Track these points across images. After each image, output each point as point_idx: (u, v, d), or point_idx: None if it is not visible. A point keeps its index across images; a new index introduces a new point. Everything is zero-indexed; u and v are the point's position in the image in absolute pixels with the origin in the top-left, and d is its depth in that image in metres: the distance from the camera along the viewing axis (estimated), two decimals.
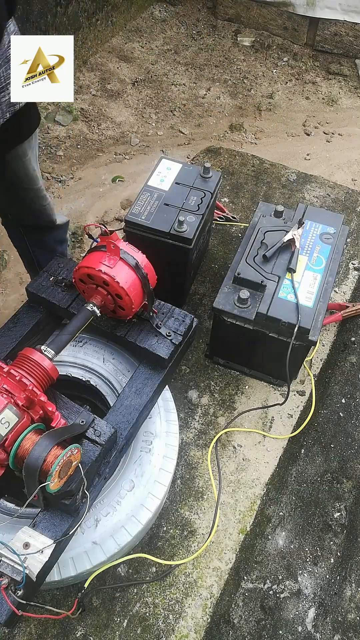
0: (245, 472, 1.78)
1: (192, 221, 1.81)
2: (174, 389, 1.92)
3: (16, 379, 1.15)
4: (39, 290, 1.53)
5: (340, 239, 1.88)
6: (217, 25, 4.56)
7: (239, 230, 2.50)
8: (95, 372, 1.55)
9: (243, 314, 1.67)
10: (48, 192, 3.18)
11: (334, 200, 2.67)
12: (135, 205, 1.84)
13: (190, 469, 1.77)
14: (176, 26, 4.57)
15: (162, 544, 1.60)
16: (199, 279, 2.30)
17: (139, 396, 1.42)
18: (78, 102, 3.70)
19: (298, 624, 1.54)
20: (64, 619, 1.45)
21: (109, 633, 1.45)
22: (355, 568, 1.64)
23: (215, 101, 3.97)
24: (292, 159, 3.50)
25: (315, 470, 1.83)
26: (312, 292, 1.69)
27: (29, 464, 1.05)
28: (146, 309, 1.45)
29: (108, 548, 1.33)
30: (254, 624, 1.54)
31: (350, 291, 2.32)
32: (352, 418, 1.94)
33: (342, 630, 1.54)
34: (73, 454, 1.09)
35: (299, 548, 1.67)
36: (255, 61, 4.33)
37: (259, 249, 1.79)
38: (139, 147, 3.54)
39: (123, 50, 4.21)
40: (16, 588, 1.07)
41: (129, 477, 1.41)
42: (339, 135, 3.80)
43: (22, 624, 1.46)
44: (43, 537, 1.12)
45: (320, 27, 4.22)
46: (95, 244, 1.40)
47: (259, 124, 3.84)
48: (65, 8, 3.48)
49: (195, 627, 1.49)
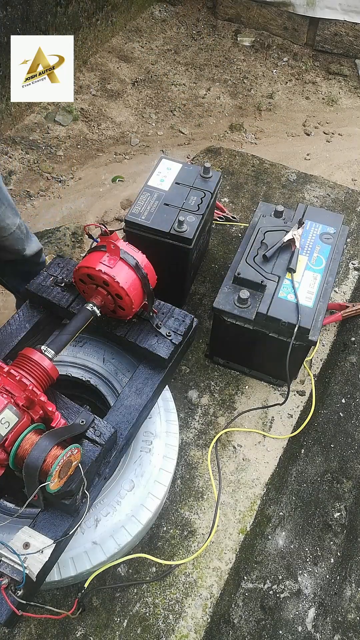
0: (245, 472, 1.78)
1: (192, 221, 1.81)
2: (174, 389, 1.92)
3: (16, 379, 1.15)
4: (39, 290, 1.53)
5: (340, 239, 1.88)
6: (217, 25, 4.56)
7: (239, 230, 2.50)
8: (95, 372, 1.55)
9: (243, 314, 1.67)
10: (48, 192, 3.19)
11: (334, 200, 2.67)
12: (135, 205, 1.84)
13: (190, 469, 1.77)
14: (176, 26, 4.56)
15: (162, 544, 1.60)
16: (199, 279, 2.30)
17: (139, 396, 1.42)
18: (78, 102, 3.70)
19: (298, 624, 1.54)
20: (64, 619, 1.45)
21: (109, 633, 1.45)
22: (355, 568, 1.64)
23: (215, 101, 3.97)
24: (292, 159, 3.50)
25: (315, 470, 1.83)
26: (312, 292, 1.69)
27: (29, 464, 1.05)
28: (146, 309, 1.45)
29: (108, 548, 1.33)
30: (254, 624, 1.54)
31: (350, 291, 2.32)
32: (352, 418, 1.94)
33: (342, 630, 1.54)
34: (73, 454, 1.09)
35: (299, 548, 1.67)
36: (255, 61, 4.33)
37: (259, 249, 1.79)
38: (139, 147, 3.54)
39: (123, 50, 4.21)
40: (16, 588, 1.07)
41: (129, 477, 1.41)
42: (339, 135, 3.80)
43: (22, 624, 1.46)
44: (43, 537, 1.12)
45: (320, 27, 4.22)
46: (95, 244, 1.40)
47: (259, 124, 3.84)
48: (65, 8, 3.48)
49: (195, 627, 1.49)
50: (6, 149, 3.30)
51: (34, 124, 3.50)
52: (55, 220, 2.99)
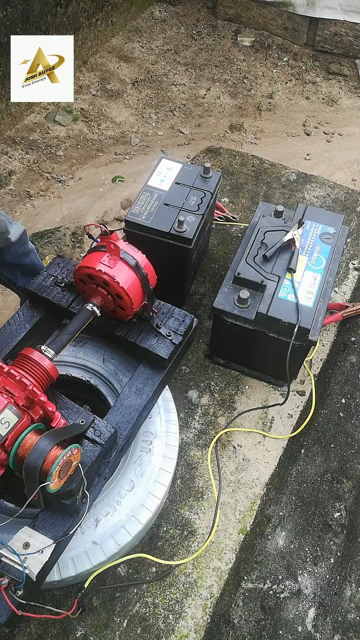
0: (245, 472, 1.78)
1: (192, 221, 1.81)
2: (174, 389, 1.92)
3: (16, 379, 1.14)
4: (39, 290, 1.53)
5: (340, 239, 1.88)
6: (217, 25, 4.56)
7: (239, 230, 2.50)
8: (95, 372, 1.55)
9: (243, 314, 1.67)
10: (48, 192, 3.19)
11: (334, 200, 2.67)
12: (135, 205, 1.84)
13: (190, 469, 1.77)
14: (176, 26, 4.56)
15: (162, 544, 1.60)
16: (199, 279, 2.29)
17: (139, 396, 1.42)
18: (78, 102, 3.70)
19: (298, 624, 1.54)
20: (64, 619, 1.45)
21: (109, 633, 1.45)
22: (355, 568, 1.64)
23: (215, 101, 3.97)
24: (292, 159, 3.50)
25: (315, 470, 1.83)
26: (312, 292, 1.69)
27: (29, 464, 1.05)
28: (146, 309, 1.45)
29: (108, 548, 1.33)
30: (254, 624, 1.54)
31: (350, 291, 2.32)
32: (352, 418, 1.94)
33: (342, 630, 1.54)
34: (73, 454, 1.09)
35: (299, 548, 1.67)
36: (255, 61, 4.33)
37: (259, 249, 1.79)
38: (139, 147, 3.54)
39: (123, 50, 4.21)
40: (16, 588, 1.07)
41: (129, 477, 1.41)
42: (339, 135, 3.80)
43: (22, 624, 1.46)
44: (43, 537, 1.12)
45: (320, 27, 4.22)
46: (95, 244, 1.40)
47: (259, 124, 3.84)
48: (65, 8, 3.48)
49: (195, 627, 1.49)
50: (6, 149, 3.30)
51: (34, 124, 3.50)
52: (55, 220, 2.99)
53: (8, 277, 1.92)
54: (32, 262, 1.91)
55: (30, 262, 1.91)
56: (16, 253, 1.84)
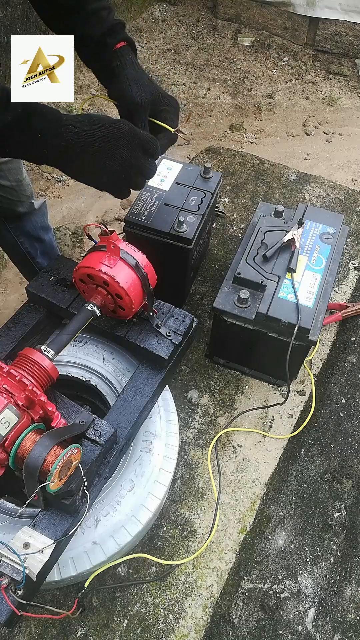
0: (245, 472, 1.78)
1: (192, 221, 1.81)
2: (174, 389, 1.92)
3: (16, 378, 1.15)
4: (39, 290, 1.53)
5: (340, 239, 1.88)
6: (217, 25, 4.56)
7: (239, 230, 2.50)
8: (95, 372, 1.55)
9: (243, 314, 1.67)
10: (48, 192, 3.19)
11: (334, 200, 2.67)
12: (135, 205, 1.84)
13: (190, 469, 1.77)
14: (176, 26, 4.57)
15: (162, 544, 1.60)
16: (199, 279, 2.30)
17: (139, 396, 1.42)
18: (78, 102, 3.70)
19: (298, 624, 1.54)
20: (64, 618, 1.45)
21: (109, 633, 1.45)
22: (355, 568, 1.64)
23: (215, 101, 3.97)
24: (292, 159, 3.51)
25: (315, 470, 1.83)
26: (312, 292, 1.69)
27: (29, 463, 1.05)
28: (146, 309, 1.45)
29: (108, 548, 1.33)
30: (254, 624, 1.54)
31: (350, 291, 2.32)
32: (352, 418, 1.94)
33: (342, 630, 1.54)
34: (73, 453, 1.09)
35: (299, 548, 1.67)
36: (255, 61, 4.33)
37: (259, 248, 1.79)
38: None
39: None
40: (16, 588, 1.07)
41: (129, 477, 1.41)
42: (339, 135, 3.80)
43: (22, 624, 1.46)
44: (43, 537, 1.12)
45: (320, 27, 4.23)
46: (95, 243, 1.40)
47: (259, 124, 3.84)
48: None
49: (195, 627, 1.49)
50: None
51: None
52: (55, 220, 2.99)
53: (28, 249, 1.90)
54: (50, 241, 1.90)
55: (49, 241, 1.90)
56: (37, 224, 1.83)
